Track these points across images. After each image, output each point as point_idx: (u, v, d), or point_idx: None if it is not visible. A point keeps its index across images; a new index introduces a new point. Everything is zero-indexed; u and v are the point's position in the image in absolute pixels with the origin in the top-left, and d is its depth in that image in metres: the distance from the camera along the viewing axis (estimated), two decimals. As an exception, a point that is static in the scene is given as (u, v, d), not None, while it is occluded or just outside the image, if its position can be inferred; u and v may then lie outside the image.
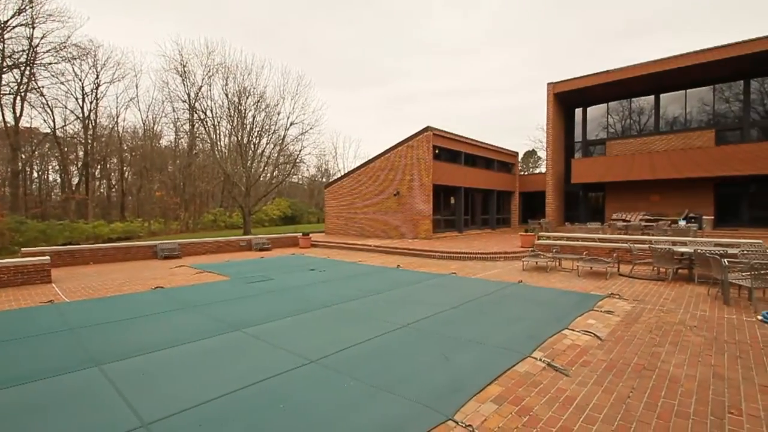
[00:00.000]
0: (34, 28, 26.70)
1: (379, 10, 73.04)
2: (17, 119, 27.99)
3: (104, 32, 46.04)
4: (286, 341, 4.75)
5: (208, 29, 53.76)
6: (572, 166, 21.64)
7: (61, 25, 28.13)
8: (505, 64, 73.38)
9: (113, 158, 38.07)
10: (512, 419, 2.94)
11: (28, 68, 27.71)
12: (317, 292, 7.75)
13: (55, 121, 31.57)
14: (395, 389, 3.42)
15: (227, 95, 28.15)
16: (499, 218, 24.26)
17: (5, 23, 25.37)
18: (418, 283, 8.56)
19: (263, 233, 23.94)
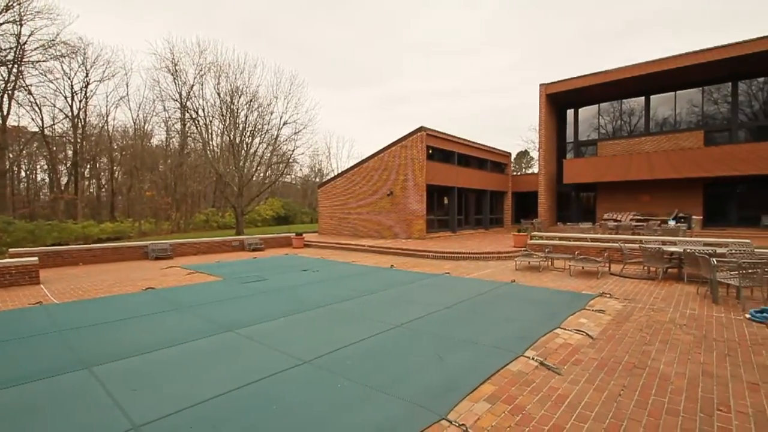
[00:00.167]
0: (21, 25, 26.23)
1: (373, 9, 73.15)
2: (4, 118, 27.51)
3: (94, 30, 45.32)
4: (279, 342, 4.72)
5: (200, 28, 53.42)
6: (564, 166, 21.83)
7: (49, 22, 27.74)
8: (498, 65, 73.86)
9: (103, 157, 37.55)
10: (505, 418, 2.95)
11: (15, 66, 27.23)
12: (311, 292, 7.73)
13: (43, 119, 31.12)
14: (389, 389, 3.42)
15: (219, 94, 27.95)
16: (492, 218, 24.37)
17: (-8, 20, 24.93)
18: (411, 283, 8.57)
19: (256, 233, 23.80)
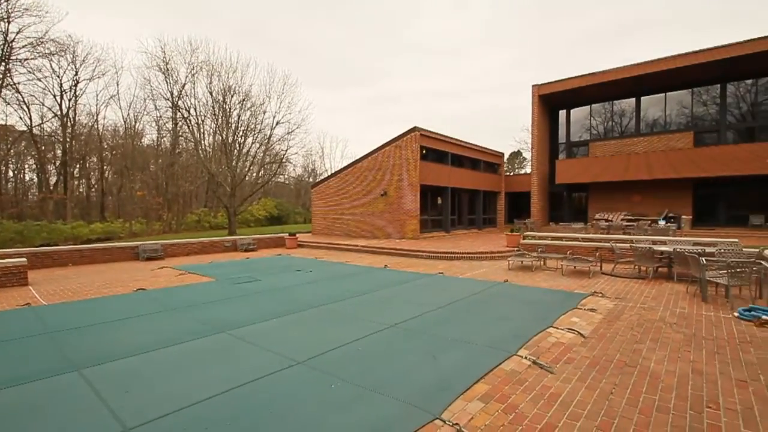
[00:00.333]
0: (9, 22, 25.74)
1: (367, 9, 73.02)
2: (-9, 116, 27.04)
3: (84, 28, 44.83)
4: (272, 342, 4.70)
5: (192, 27, 52.98)
6: (556, 166, 22.02)
7: (38, 19, 27.18)
8: (492, 65, 74.18)
9: (93, 157, 37.00)
10: (498, 417, 2.96)
11: (3, 64, 26.69)
12: (304, 292, 7.69)
13: (32, 118, 30.54)
14: (383, 389, 3.41)
15: (212, 93, 27.71)
16: (485, 218, 24.48)
17: (-22, 17, 24.48)
18: (405, 283, 8.57)
19: (249, 234, 23.65)
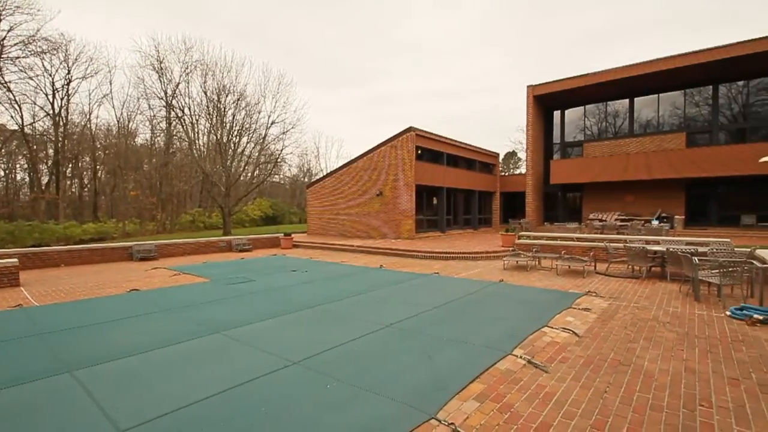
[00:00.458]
0: (0, 20, 25.49)
1: (363, 10, 72.94)
2: (-18, 115, 26.73)
3: (76, 26, 44.32)
4: (267, 343, 4.68)
5: (186, 27, 52.61)
6: (551, 167, 22.12)
7: (29, 17, 26.84)
8: (489, 66, 74.40)
9: (85, 156, 36.61)
10: (494, 416, 2.97)
11: (-7, 62, 26.44)
12: (299, 293, 7.67)
13: (23, 117, 30.14)
14: (378, 389, 3.41)
15: (206, 93, 27.51)
16: (480, 218, 24.55)
17: (-32, 15, 24.16)
18: (401, 283, 8.57)
19: (244, 234, 23.53)
